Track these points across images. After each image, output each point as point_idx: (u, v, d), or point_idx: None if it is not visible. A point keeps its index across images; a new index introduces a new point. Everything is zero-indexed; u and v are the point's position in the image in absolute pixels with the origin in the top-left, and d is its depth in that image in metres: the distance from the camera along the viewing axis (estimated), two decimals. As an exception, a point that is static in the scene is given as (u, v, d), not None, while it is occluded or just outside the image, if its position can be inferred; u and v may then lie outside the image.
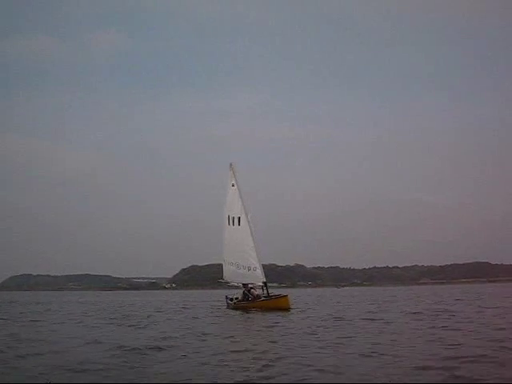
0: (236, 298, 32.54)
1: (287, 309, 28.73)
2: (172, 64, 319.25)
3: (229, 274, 33.47)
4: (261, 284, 31.66)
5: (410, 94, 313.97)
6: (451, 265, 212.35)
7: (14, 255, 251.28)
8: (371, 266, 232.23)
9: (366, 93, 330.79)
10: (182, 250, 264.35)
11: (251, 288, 31.88)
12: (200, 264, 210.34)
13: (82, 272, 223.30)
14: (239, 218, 32.72)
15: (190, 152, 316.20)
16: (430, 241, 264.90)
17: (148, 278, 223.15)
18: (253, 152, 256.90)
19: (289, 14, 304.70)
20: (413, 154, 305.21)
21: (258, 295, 31.48)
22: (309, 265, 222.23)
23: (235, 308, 31.32)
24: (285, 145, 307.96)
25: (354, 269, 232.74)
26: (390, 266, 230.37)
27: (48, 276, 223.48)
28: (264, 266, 32.67)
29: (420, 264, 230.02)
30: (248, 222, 32.52)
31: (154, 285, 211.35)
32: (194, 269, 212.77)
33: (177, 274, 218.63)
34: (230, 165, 34.37)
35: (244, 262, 32.02)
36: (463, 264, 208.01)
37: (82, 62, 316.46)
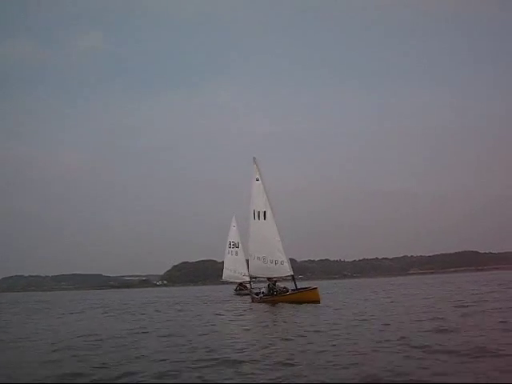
0: (262, 293, 32.30)
1: (317, 301, 28.37)
2: (158, 64, 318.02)
3: (255, 268, 33.47)
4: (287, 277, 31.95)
5: (395, 86, 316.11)
6: (440, 255, 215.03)
7: (4, 257, 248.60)
8: (361, 258, 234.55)
9: (353, 85, 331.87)
10: (173, 246, 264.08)
11: (276, 281, 32.12)
12: (191, 260, 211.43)
13: (73, 271, 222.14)
14: (264, 212, 32.73)
15: (183, 148, 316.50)
16: (418, 231, 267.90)
17: (139, 276, 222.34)
18: (240, 147, 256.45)
19: (278, 10, 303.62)
20: (398, 144, 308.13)
21: (285, 287, 31.74)
22: (299, 258, 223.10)
23: (262, 302, 30.87)
24: (270, 139, 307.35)
25: (344, 261, 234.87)
26: (380, 257, 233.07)
27: (39, 276, 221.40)
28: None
29: (409, 255, 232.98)
30: (273, 215, 32.66)
31: (145, 282, 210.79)
32: (185, 265, 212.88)
33: (168, 271, 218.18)
34: (254, 159, 33.82)
35: (271, 256, 32.01)
36: (452, 253, 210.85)
37: (67, 65, 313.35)
